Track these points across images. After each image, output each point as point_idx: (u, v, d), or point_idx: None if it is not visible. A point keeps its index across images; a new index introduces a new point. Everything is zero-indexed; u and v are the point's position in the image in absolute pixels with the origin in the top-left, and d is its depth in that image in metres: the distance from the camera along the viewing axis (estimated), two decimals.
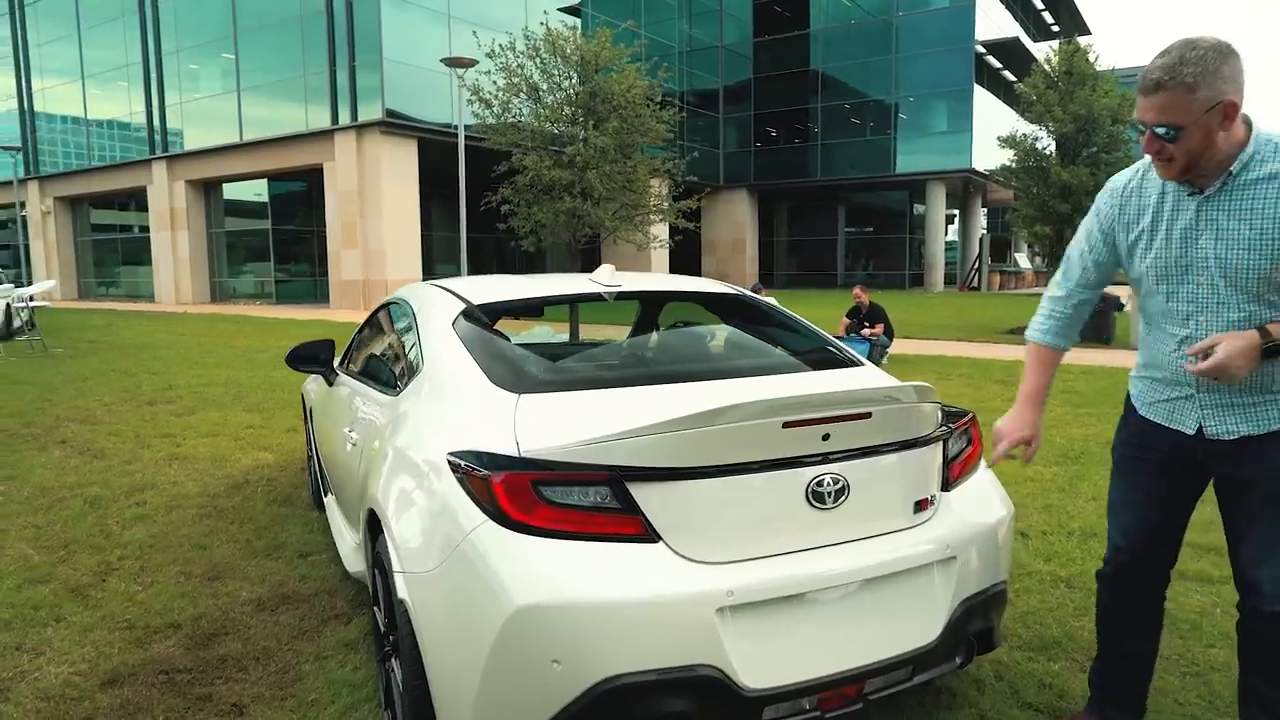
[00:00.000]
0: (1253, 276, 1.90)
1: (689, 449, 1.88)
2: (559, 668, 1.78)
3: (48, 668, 2.83)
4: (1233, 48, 1.84)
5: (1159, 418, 2.15)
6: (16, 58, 34.94)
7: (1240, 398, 2.00)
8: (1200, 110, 1.82)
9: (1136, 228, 2.10)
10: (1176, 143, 1.86)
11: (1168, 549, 2.23)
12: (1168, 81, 1.82)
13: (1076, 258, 2.26)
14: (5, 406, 7.84)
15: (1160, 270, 2.05)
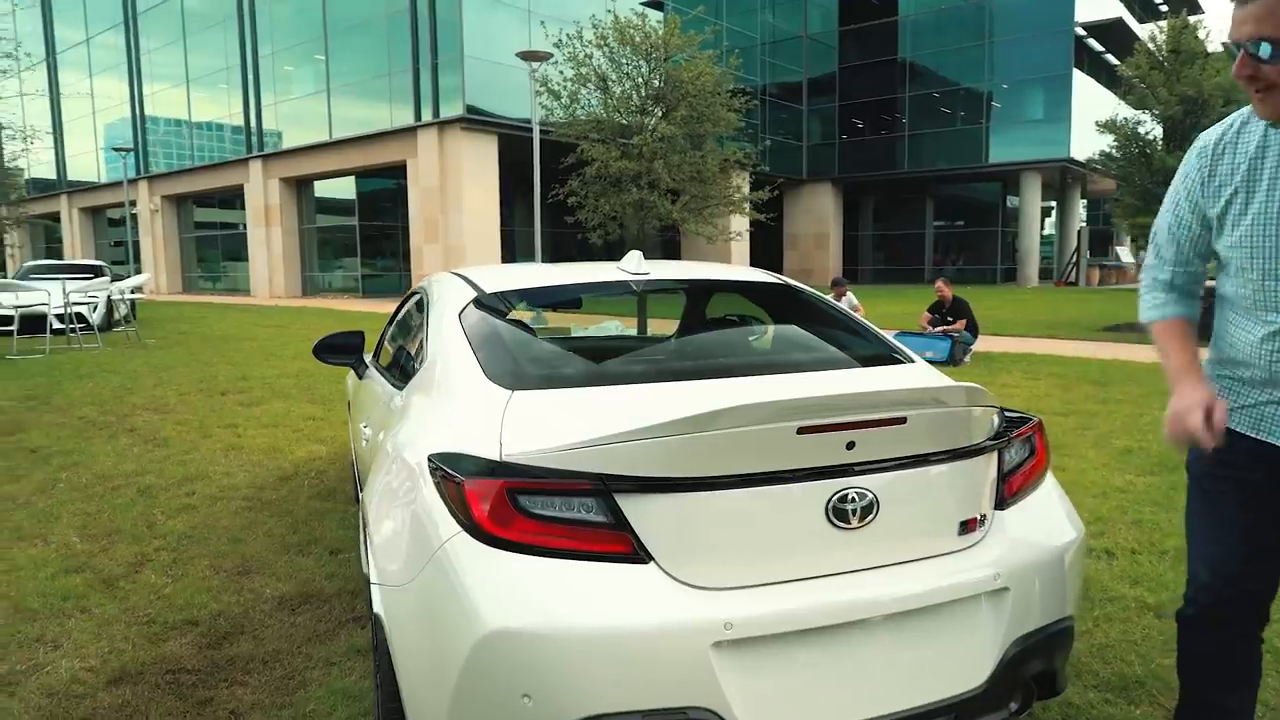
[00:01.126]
0: None
1: (686, 457, 1.63)
2: (529, 704, 1.56)
3: (60, 662, 2.78)
4: None
5: (1242, 427, 1.79)
6: (129, 65, 36.84)
7: None
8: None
9: (1228, 190, 1.73)
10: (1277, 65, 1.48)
11: (1264, 585, 1.85)
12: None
13: (1166, 234, 1.89)
14: (90, 394, 8.12)
15: (1256, 242, 1.68)
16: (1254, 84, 1.54)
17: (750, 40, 34.64)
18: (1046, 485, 2.10)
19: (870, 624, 1.70)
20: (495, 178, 24.56)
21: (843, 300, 11.23)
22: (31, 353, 11.68)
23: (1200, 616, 1.92)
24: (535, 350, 2.28)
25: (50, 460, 5.52)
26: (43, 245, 45.74)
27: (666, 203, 17.97)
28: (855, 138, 37.87)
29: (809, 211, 37.67)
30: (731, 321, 3.10)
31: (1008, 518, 1.93)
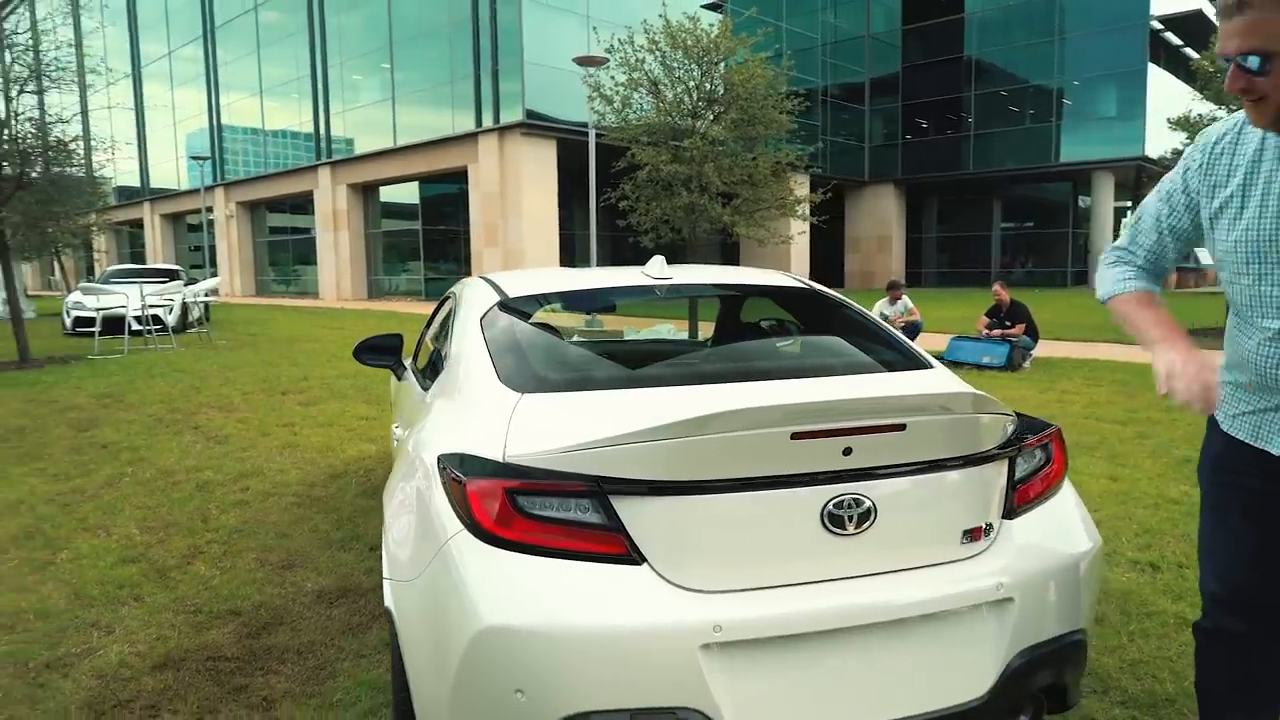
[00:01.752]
0: None
1: (679, 460, 1.65)
2: (522, 699, 1.60)
3: (111, 647, 2.93)
4: None
5: (1243, 434, 1.76)
6: (208, 77, 38.33)
7: None
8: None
9: (1224, 192, 1.70)
10: (1269, 75, 1.46)
11: (1276, 598, 1.79)
12: None
13: (1151, 220, 1.85)
14: (161, 393, 8.49)
15: (1252, 246, 1.64)
16: (1248, 95, 1.52)
17: (810, 41, 34.36)
18: (1062, 494, 2.06)
19: (866, 631, 1.69)
20: (554, 182, 24.84)
21: (897, 304, 11.06)
22: (111, 353, 12.26)
23: (1214, 630, 1.88)
24: (549, 354, 2.32)
25: (119, 455, 5.80)
26: (128, 250, 47.86)
27: (717, 206, 17.93)
28: (919, 138, 37.17)
29: (871, 214, 37.11)
30: (754, 327, 3.10)
31: (1017, 527, 1.90)
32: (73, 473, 5.34)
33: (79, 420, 7.08)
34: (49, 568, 3.70)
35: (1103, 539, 3.70)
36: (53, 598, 3.36)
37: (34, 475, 5.28)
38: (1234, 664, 1.87)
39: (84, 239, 22.16)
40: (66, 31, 12.16)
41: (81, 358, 11.72)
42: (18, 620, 3.15)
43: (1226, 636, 1.86)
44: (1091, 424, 6.44)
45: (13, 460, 5.67)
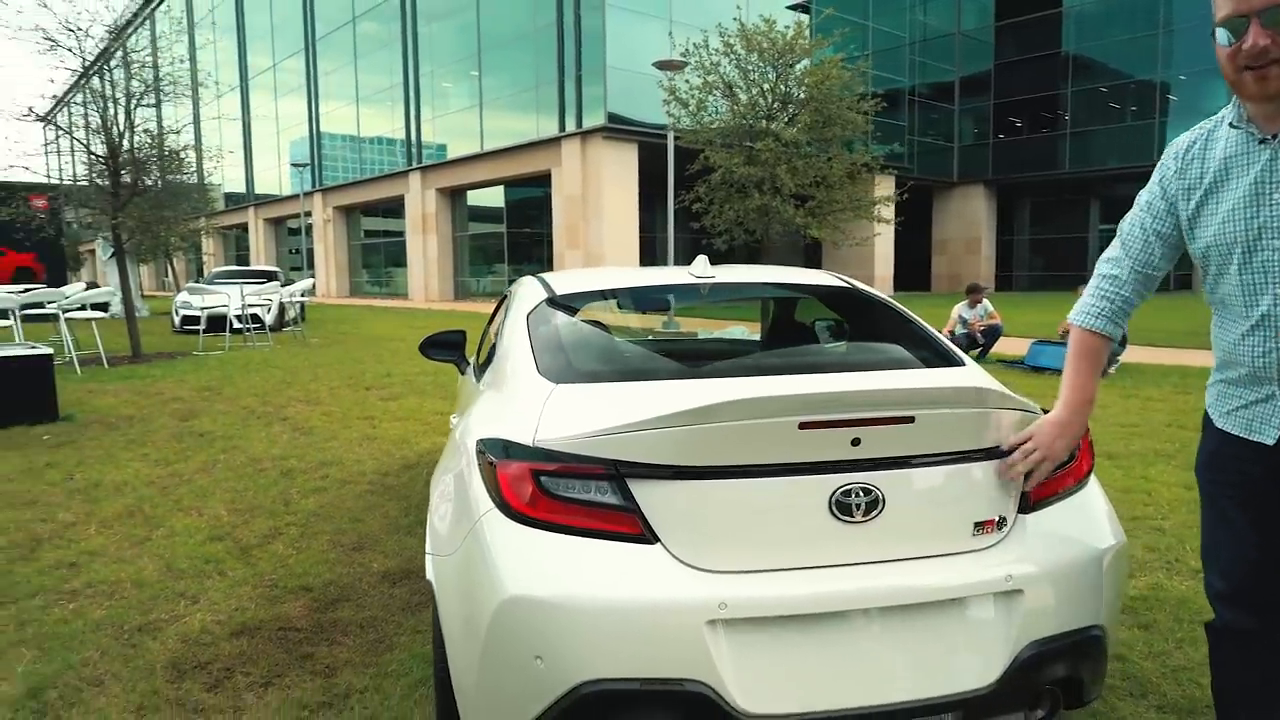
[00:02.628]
0: None
1: (692, 446, 1.74)
2: (541, 665, 1.72)
3: (195, 615, 3.19)
4: None
5: (1237, 429, 1.76)
6: (308, 87, 40.12)
7: None
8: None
9: (1198, 193, 1.76)
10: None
11: None
12: None
13: (1137, 231, 1.90)
14: (254, 387, 9.01)
15: (1228, 239, 1.69)
16: (1264, 58, 1.54)
17: (898, 40, 33.69)
18: (1087, 491, 2.07)
19: (870, 615, 1.75)
20: (634, 184, 25.10)
21: (977, 307, 10.82)
22: (213, 349, 13.02)
23: (1223, 628, 1.86)
24: (587, 348, 2.44)
25: (214, 443, 6.21)
26: (233, 253, 50.45)
27: (789, 208, 17.85)
28: (1011, 137, 35.99)
29: (960, 215, 36.14)
30: (803, 326, 3.16)
31: (1032, 521, 1.92)
32: (172, 458, 5.75)
33: (181, 411, 7.59)
34: (146, 543, 4.03)
35: (1167, 547, 3.62)
36: (148, 570, 3.67)
37: (139, 460, 5.71)
38: (1245, 661, 1.85)
39: (193, 242, 23.51)
40: (180, 48, 12.99)
41: (187, 354, 12.50)
42: (117, 589, 3.46)
43: (1236, 634, 1.85)
44: (1174, 432, 6.20)
45: (121, 445, 6.14)
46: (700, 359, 2.51)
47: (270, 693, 2.60)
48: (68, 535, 4.13)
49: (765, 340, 3.50)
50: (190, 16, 44.17)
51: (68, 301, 11.44)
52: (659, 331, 10.11)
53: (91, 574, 3.61)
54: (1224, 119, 1.76)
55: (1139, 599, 3.15)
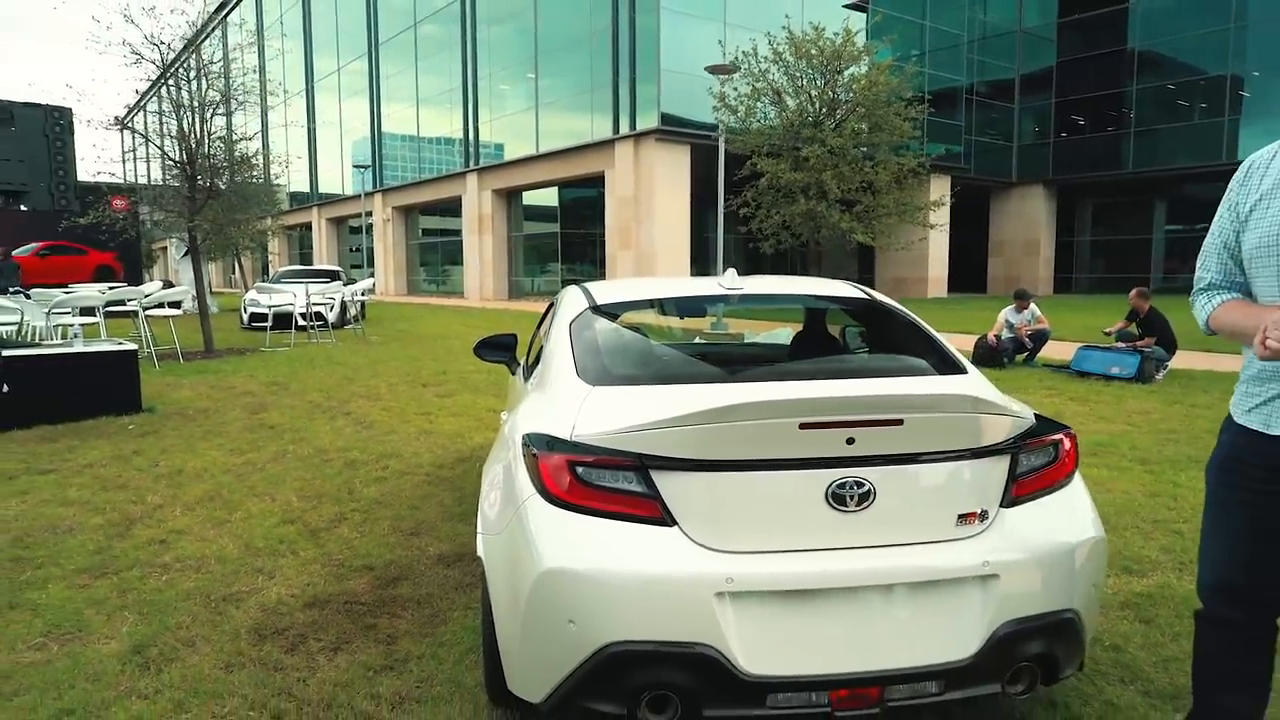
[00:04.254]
0: None
1: (707, 442, 2.01)
2: (574, 628, 2.00)
3: (272, 588, 3.56)
4: None
5: (1256, 424, 1.92)
6: (371, 90, 41.23)
7: None
8: None
9: (1254, 196, 1.92)
10: None
11: (1271, 588, 1.96)
12: None
13: (1213, 251, 2.03)
14: (319, 382, 9.50)
15: (1269, 242, 1.85)
16: None
17: (955, 39, 33.27)
18: (1069, 490, 2.27)
19: (860, 592, 2.00)
20: (686, 186, 25.32)
21: (1024, 313, 10.82)
22: (280, 345, 13.65)
23: (1210, 617, 2.05)
24: (622, 353, 2.72)
25: (283, 435, 6.65)
26: (297, 251, 52.03)
27: (835, 212, 18.00)
28: (1073, 136, 35.22)
29: (1019, 216, 35.52)
30: (821, 331, 3.39)
31: (1013, 515, 2.14)
32: (246, 448, 6.20)
33: (252, 404, 8.09)
34: (226, 524, 4.43)
35: (1182, 549, 3.76)
36: (229, 548, 4.06)
37: (215, 449, 6.17)
38: (1226, 650, 2.04)
39: (261, 242, 24.44)
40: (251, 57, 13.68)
41: (255, 349, 13.14)
42: (203, 563, 3.85)
43: (1221, 624, 2.04)
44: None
45: (199, 436, 6.62)
46: (722, 364, 2.76)
47: (339, 656, 2.94)
48: (156, 516, 4.56)
49: (793, 346, 3.73)
50: (260, 24, 45.65)
51: (147, 300, 12.14)
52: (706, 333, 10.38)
53: (180, 550, 4.02)
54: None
55: (1145, 596, 3.31)
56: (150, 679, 2.77)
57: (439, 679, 2.75)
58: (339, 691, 2.67)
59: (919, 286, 31.66)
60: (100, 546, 4.05)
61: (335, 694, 2.66)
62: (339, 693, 2.66)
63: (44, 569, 3.76)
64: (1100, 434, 6.47)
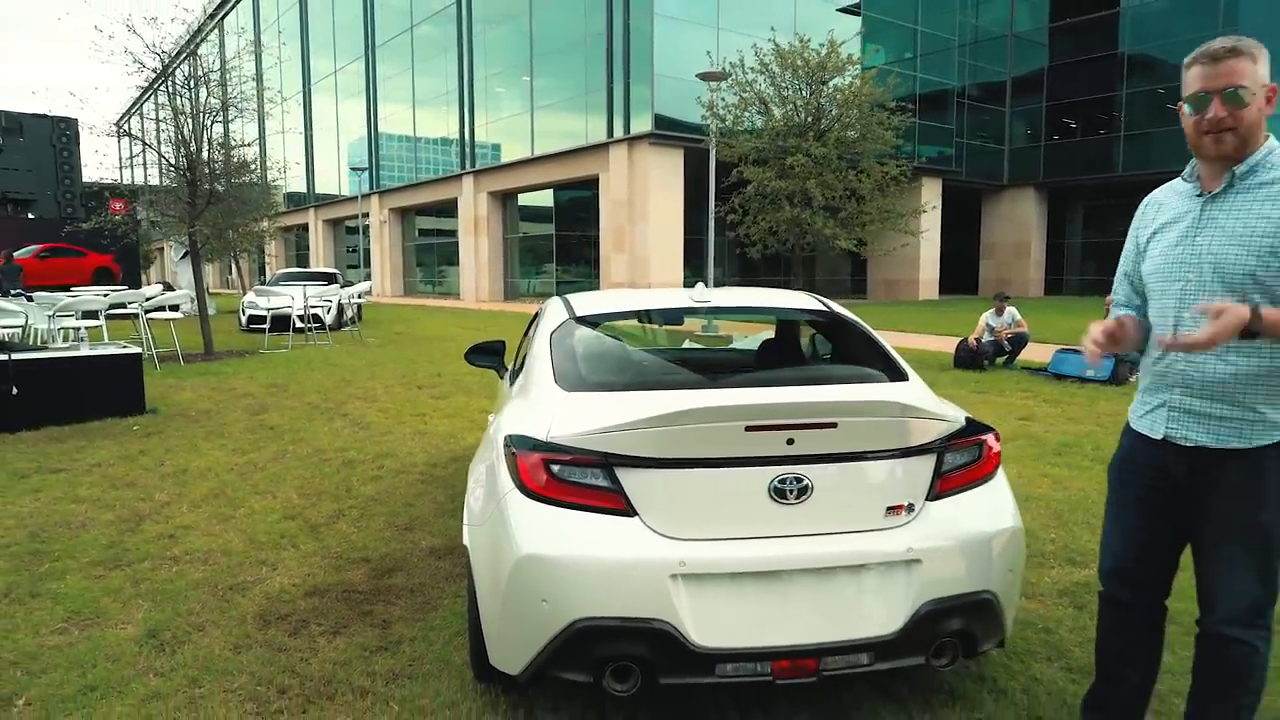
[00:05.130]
0: (1241, 273, 1.98)
1: (663, 443, 2.28)
2: (546, 606, 2.27)
3: (275, 578, 3.82)
4: None
5: (1144, 429, 2.21)
6: (367, 92, 41.47)
7: (1207, 405, 2.05)
8: (1260, 83, 1.96)
9: (1150, 230, 2.22)
10: (1246, 110, 1.96)
11: (1159, 574, 2.24)
12: (1238, 48, 1.96)
13: (1121, 276, 2.34)
14: (317, 384, 9.76)
15: (1161, 270, 2.14)
16: (1220, 128, 1.99)
17: (947, 43, 33.60)
18: (991, 485, 2.54)
19: (798, 575, 2.27)
20: (680, 189, 25.61)
21: (1004, 315, 11.11)
22: (278, 348, 13.90)
23: (1106, 597, 2.33)
24: (594, 362, 2.98)
25: (283, 436, 6.91)
26: (294, 252, 52.25)
27: (820, 219, 18.46)
28: (1064, 139, 35.57)
29: (1009, 218, 35.87)
30: (787, 339, 3.67)
31: (936, 507, 2.41)
32: (247, 448, 6.46)
33: (252, 406, 8.35)
34: (230, 520, 4.69)
35: None
36: (234, 542, 4.32)
37: (218, 449, 6.42)
38: (1121, 626, 2.33)
39: (258, 244, 24.69)
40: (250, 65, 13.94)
41: (254, 352, 13.39)
42: (210, 556, 4.11)
43: (1117, 604, 2.32)
44: None
45: (202, 436, 6.88)
46: (687, 371, 3.03)
47: (338, 638, 3.20)
48: (164, 513, 4.82)
49: (758, 353, 4.00)
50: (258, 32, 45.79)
51: (148, 303, 12.39)
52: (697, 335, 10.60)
53: (188, 544, 4.28)
54: (1182, 174, 2.20)
55: (1082, 585, 3.59)
56: (165, 659, 3.04)
57: (429, 658, 3.02)
58: (338, 669, 2.94)
59: (910, 289, 31.99)
60: (113, 541, 4.31)
61: (334, 671, 2.92)
62: (338, 670, 2.93)
63: (61, 561, 4.02)
64: (1068, 434, 6.76)
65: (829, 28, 22.26)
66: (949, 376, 10.25)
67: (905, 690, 2.72)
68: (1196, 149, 2.08)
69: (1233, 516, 2.05)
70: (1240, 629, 2.07)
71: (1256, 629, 2.08)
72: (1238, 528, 2.05)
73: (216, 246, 15.51)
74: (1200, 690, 2.17)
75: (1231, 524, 2.06)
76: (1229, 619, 2.08)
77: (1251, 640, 2.07)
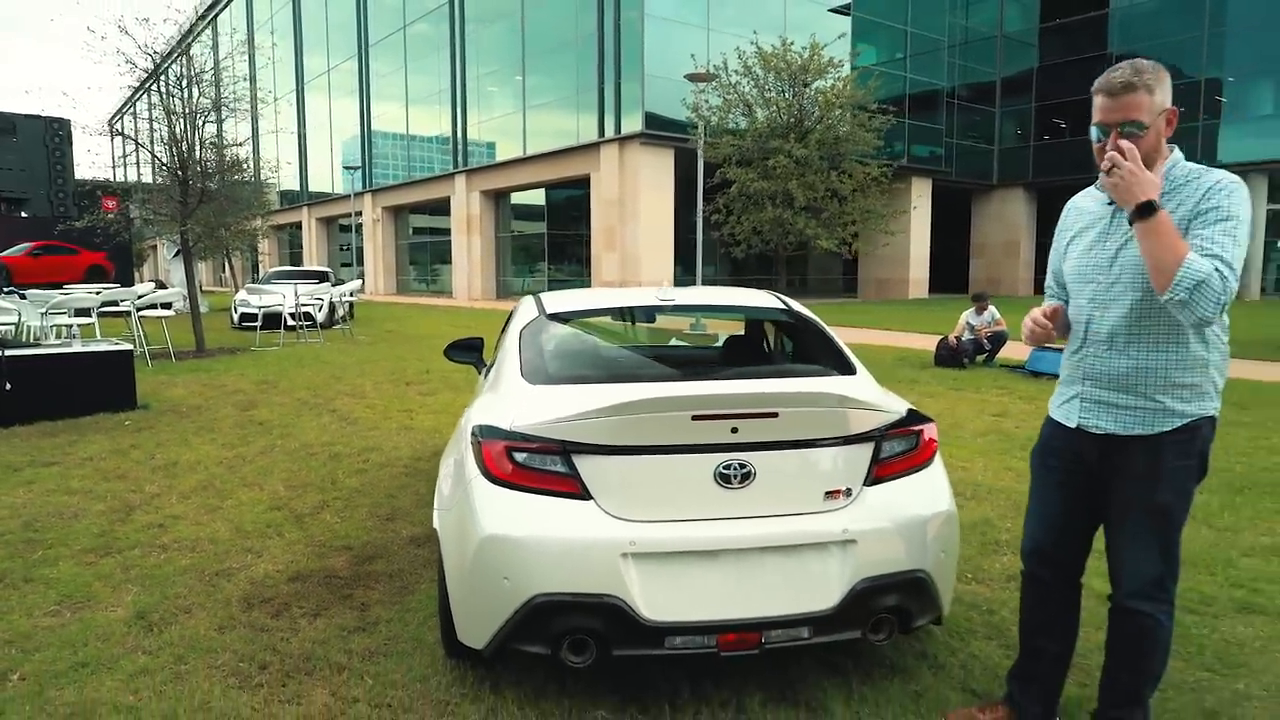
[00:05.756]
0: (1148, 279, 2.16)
1: (615, 431, 2.45)
2: (508, 583, 2.44)
3: (260, 565, 3.98)
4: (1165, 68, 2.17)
5: (1060, 418, 2.41)
6: (361, 90, 41.53)
7: (1114, 396, 2.25)
8: (1156, 112, 2.14)
9: (1070, 234, 2.44)
10: (1141, 140, 2.14)
11: (1075, 554, 2.42)
12: (1135, 82, 2.14)
13: (1049, 272, 2.56)
14: (307, 381, 9.91)
15: (1077, 271, 2.35)
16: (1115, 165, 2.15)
17: (936, 44, 33.82)
18: (928, 472, 2.72)
19: (741, 554, 2.44)
20: (670, 189, 25.78)
21: (984, 315, 11.30)
22: (269, 345, 14.04)
23: (1027, 576, 2.52)
24: (560, 357, 3.16)
25: (272, 430, 7.07)
26: (287, 250, 52.28)
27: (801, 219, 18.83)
28: (1054, 139, 35.84)
29: (999, 218, 36.13)
30: (753, 336, 3.84)
31: (873, 492, 2.59)
32: (236, 443, 6.61)
33: (242, 402, 8.50)
34: (218, 510, 4.85)
35: None
36: (221, 531, 4.48)
37: (208, 443, 6.58)
38: (1040, 602, 2.51)
39: (251, 242, 24.80)
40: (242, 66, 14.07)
41: (245, 349, 13.52)
42: (197, 544, 4.27)
43: (1037, 582, 2.51)
44: None
45: (192, 431, 7.03)
46: (645, 366, 3.20)
47: (319, 620, 3.37)
48: (154, 503, 4.98)
49: (724, 348, 4.18)
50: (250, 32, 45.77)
51: (140, 301, 12.51)
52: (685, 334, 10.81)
53: (176, 533, 4.44)
54: (1096, 183, 2.38)
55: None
56: (153, 638, 3.20)
57: (404, 637, 3.18)
58: (317, 647, 3.10)
59: (900, 288, 32.22)
60: (103, 530, 4.47)
61: (314, 649, 3.09)
62: (317, 648, 3.10)
63: (54, 549, 4.18)
64: (1037, 430, 6.93)
65: (820, 28, 22.51)
66: (929, 374, 10.46)
67: (849, 664, 2.90)
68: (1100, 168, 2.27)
69: (1136, 498, 2.24)
70: (1145, 602, 2.25)
71: (1160, 602, 2.26)
72: (1140, 508, 2.24)
73: (209, 245, 15.62)
74: (1113, 661, 2.35)
75: (1135, 505, 2.24)
76: (1134, 592, 2.26)
77: (1155, 613, 2.25)
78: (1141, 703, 2.33)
